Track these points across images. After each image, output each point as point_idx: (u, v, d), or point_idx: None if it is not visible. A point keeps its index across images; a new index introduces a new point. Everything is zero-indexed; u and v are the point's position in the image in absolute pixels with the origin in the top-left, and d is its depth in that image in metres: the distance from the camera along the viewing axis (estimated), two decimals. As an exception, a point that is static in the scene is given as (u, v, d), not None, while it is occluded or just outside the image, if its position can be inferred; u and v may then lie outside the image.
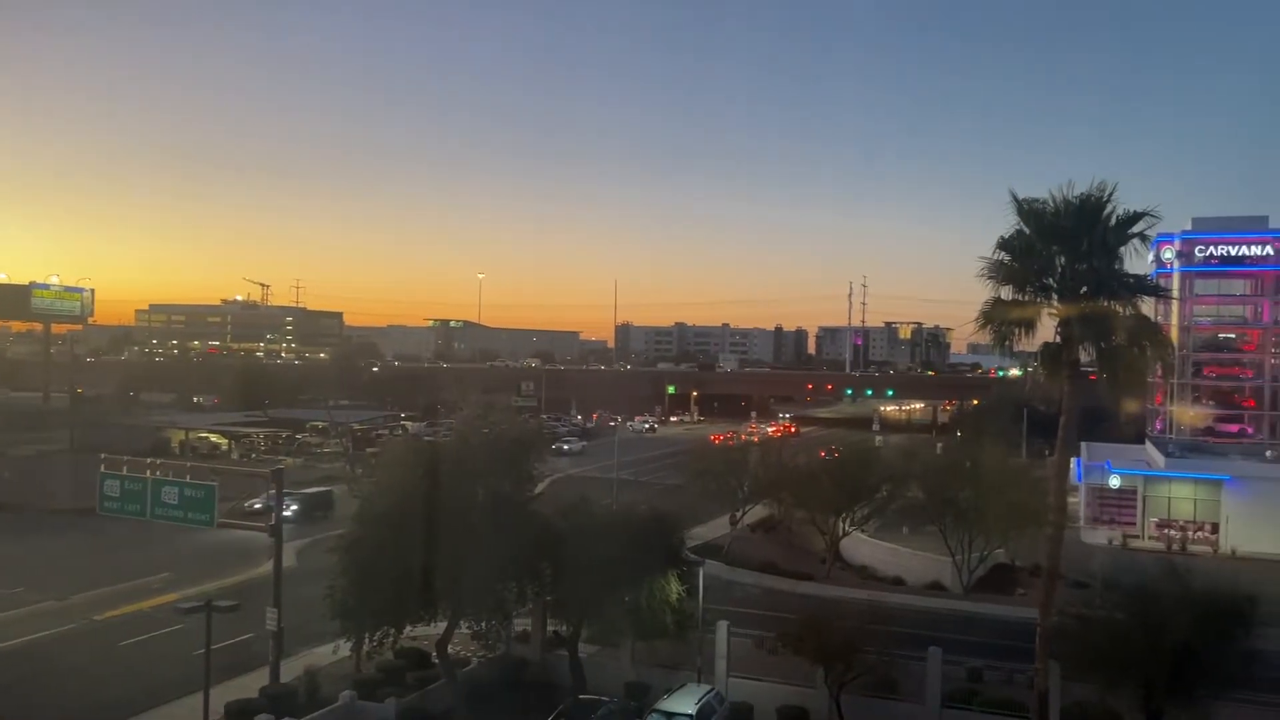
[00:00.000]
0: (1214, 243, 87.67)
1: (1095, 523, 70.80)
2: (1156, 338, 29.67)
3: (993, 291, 29.88)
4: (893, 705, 32.92)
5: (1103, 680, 29.11)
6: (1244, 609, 28.96)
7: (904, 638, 36.41)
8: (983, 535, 52.77)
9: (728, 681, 34.48)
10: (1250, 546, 64.19)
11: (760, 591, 52.61)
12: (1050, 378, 29.16)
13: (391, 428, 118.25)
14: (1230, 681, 27.53)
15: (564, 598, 34.35)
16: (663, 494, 72.41)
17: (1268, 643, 29.76)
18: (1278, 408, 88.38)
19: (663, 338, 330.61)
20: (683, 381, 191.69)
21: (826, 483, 56.71)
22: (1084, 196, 28.62)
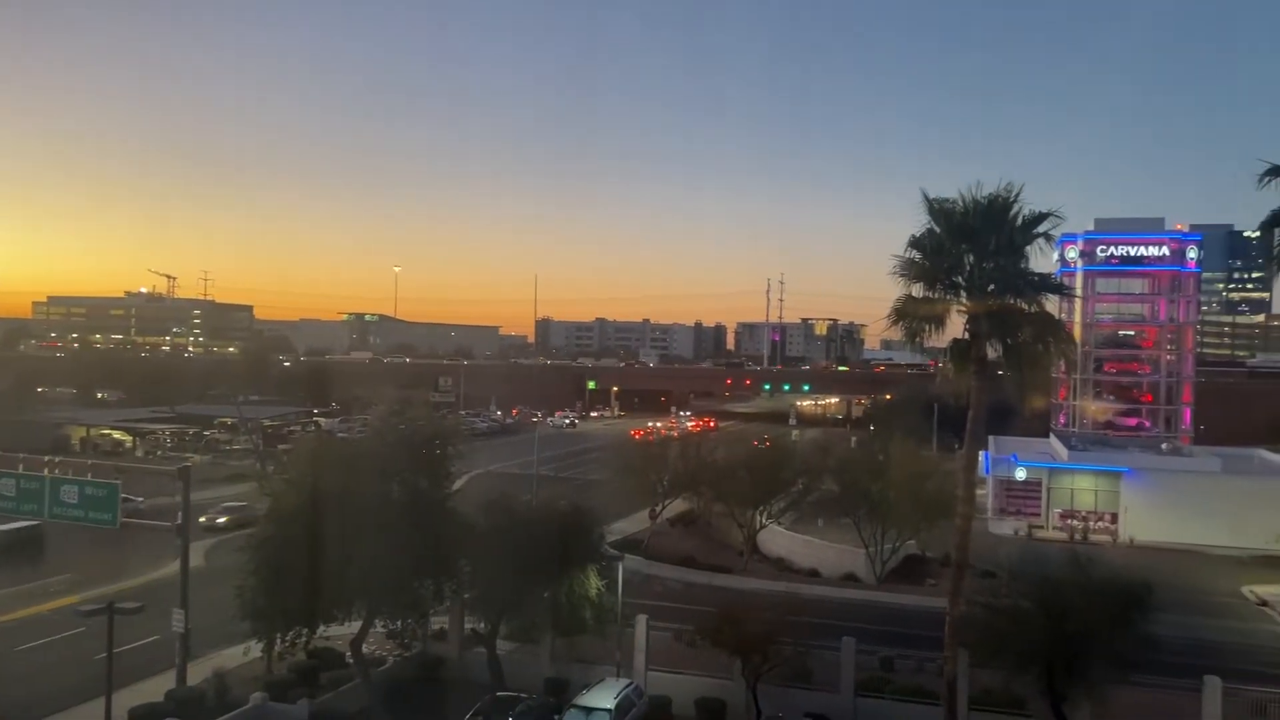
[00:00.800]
0: (1114, 243, 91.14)
1: (1002, 514, 73.04)
2: (1060, 335, 30.62)
3: (904, 289, 30.51)
4: (808, 695, 33.46)
5: (1008, 666, 30.05)
6: (1141, 596, 30.18)
7: (819, 628, 37.05)
8: (895, 527, 54.01)
9: (646, 675, 34.67)
10: (1147, 535, 66.91)
11: (679, 585, 52.96)
12: (959, 373, 29.90)
13: (304, 424, 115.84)
14: (1128, 665, 28.61)
15: (482, 595, 34.11)
16: (583, 489, 72.37)
17: (1162, 628, 31.03)
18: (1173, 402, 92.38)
19: (584, 333, 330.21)
20: (603, 377, 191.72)
21: (744, 477, 57.35)
22: (992, 197, 29.38)
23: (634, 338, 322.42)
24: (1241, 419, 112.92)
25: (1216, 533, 65.10)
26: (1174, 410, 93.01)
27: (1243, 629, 47.33)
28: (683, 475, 62.23)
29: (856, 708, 33.11)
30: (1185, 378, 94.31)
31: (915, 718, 32.04)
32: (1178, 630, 37.82)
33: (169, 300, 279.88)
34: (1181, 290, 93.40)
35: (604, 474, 69.40)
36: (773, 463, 58.66)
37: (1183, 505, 67.46)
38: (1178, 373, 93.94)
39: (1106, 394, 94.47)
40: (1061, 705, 29.32)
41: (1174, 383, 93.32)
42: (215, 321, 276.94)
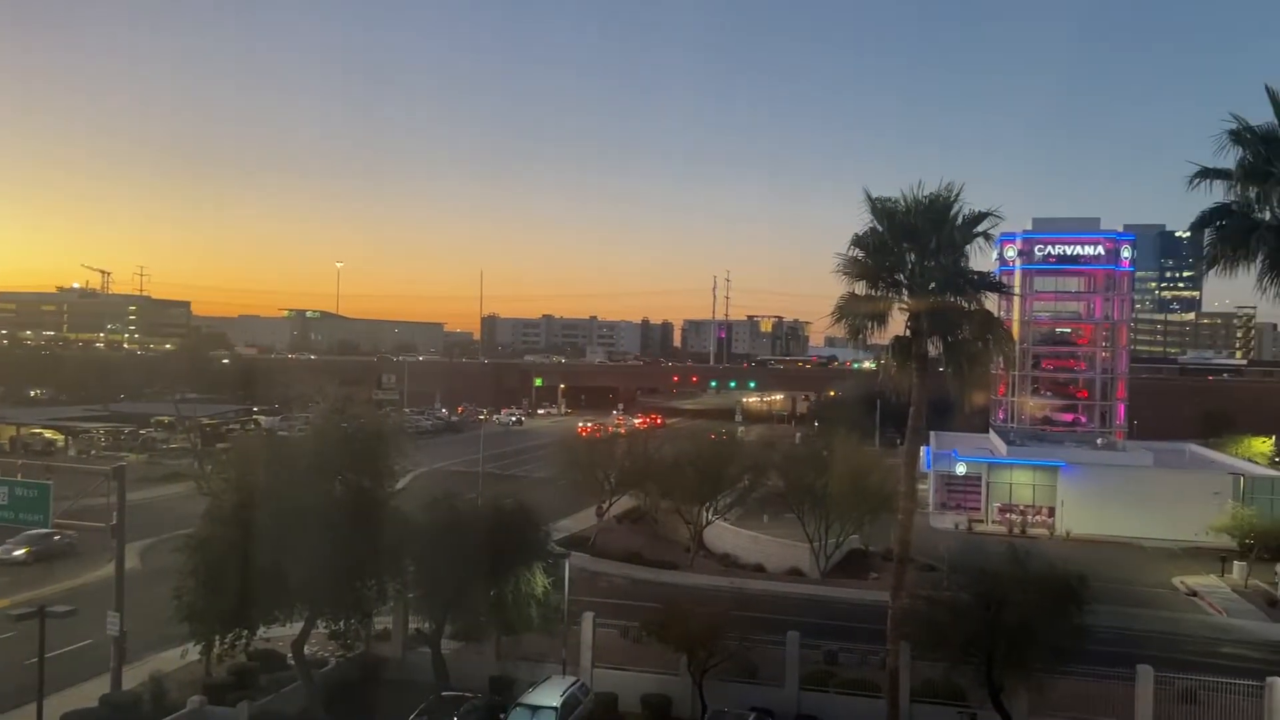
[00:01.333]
0: (1051, 242, 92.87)
1: (943, 508, 74.24)
2: (999, 332, 31.21)
3: (848, 286, 30.89)
4: (753, 689, 33.68)
5: (949, 658, 30.58)
6: (1076, 588, 30.89)
7: (764, 623, 37.33)
8: (839, 522, 54.62)
9: (593, 672, 34.66)
10: (1083, 528, 68.52)
11: (626, 582, 53.01)
12: (901, 370, 30.31)
13: (243, 422, 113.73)
14: (1064, 656, 29.29)
15: (427, 594, 33.76)
16: (529, 487, 72.07)
17: (1097, 619, 31.81)
18: (1108, 398, 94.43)
19: (530, 330, 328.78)
20: (550, 374, 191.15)
21: (691, 473, 57.56)
22: (933, 196, 29.82)
23: (581, 335, 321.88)
24: (1173, 414, 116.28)
25: (1149, 525, 66.87)
26: (1109, 406, 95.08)
27: (1173, 619, 48.64)
28: (629, 472, 62.30)
29: (801, 701, 33.41)
30: (1119, 374, 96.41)
31: (858, 710, 32.39)
32: (1112, 621, 38.86)
33: (103, 296, 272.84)
34: (1116, 289, 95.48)
35: (551, 471, 69.11)
36: (719, 459, 58.93)
37: (1117, 499, 69.18)
38: (1112, 369, 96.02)
39: (1044, 390, 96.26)
40: (1000, 695, 29.90)
41: (1109, 379, 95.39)
42: (151, 317, 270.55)
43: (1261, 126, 25.50)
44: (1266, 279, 25.48)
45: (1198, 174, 26.64)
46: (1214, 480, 69.80)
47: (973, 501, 74.43)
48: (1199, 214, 27.19)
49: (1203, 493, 67.63)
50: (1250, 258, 25.46)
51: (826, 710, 32.94)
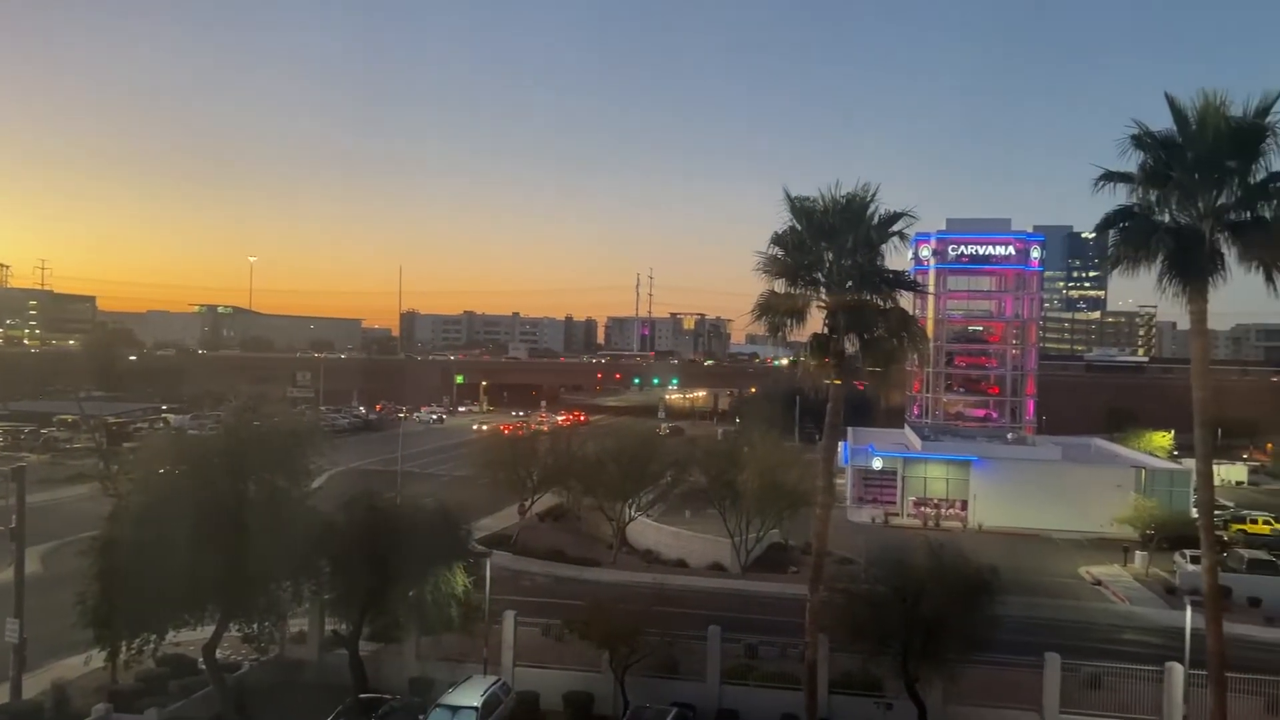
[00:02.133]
0: (964, 242, 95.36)
1: (860, 502, 75.65)
2: (914, 330, 31.79)
3: (768, 284, 31.19)
4: (675, 684, 33.87)
5: (866, 649, 31.20)
6: (988, 579, 31.77)
7: (686, 618, 37.56)
8: (759, 517, 55.20)
9: (514, 671, 34.47)
10: (994, 521, 70.42)
11: (549, 580, 52.82)
12: (819, 367, 30.73)
13: (152, 421, 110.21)
14: (976, 645, 30.10)
15: (344, 595, 33.12)
16: (451, 485, 71.41)
17: (1008, 609, 32.78)
18: (1018, 394, 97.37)
19: (451, 326, 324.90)
20: (472, 371, 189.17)
21: (614, 470, 57.56)
22: (850, 196, 30.26)
23: (503, 331, 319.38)
24: (1080, 410, 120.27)
25: (1057, 517, 69.05)
26: (1018, 402, 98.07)
27: (1080, 607, 50.34)
28: (552, 470, 62.05)
29: (722, 695, 33.68)
30: (1029, 371, 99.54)
31: (778, 703, 32.79)
32: (1022, 610, 40.11)
33: (1, 290, 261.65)
34: (1025, 288, 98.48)
35: (472, 470, 68.42)
36: (642, 455, 59.05)
37: (1027, 492, 71.25)
38: (1022, 366, 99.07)
39: (957, 387, 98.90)
40: (915, 685, 30.59)
41: (1018, 376, 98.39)
42: (54, 313, 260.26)
43: (1162, 132, 26.43)
44: (1166, 279, 26.41)
45: (1102, 177, 27.49)
46: (1117, 474, 72.35)
47: (889, 496, 75.94)
48: (1103, 216, 28.03)
49: (1107, 486, 70.06)
50: (1151, 258, 26.36)
51: (747, 703, 33.27)
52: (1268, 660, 37.20)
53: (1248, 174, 25.94)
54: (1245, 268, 26.05)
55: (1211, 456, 27.52)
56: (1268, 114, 25.33)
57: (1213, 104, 25.54)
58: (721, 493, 55.95)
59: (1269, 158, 25.68)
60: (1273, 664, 35.02)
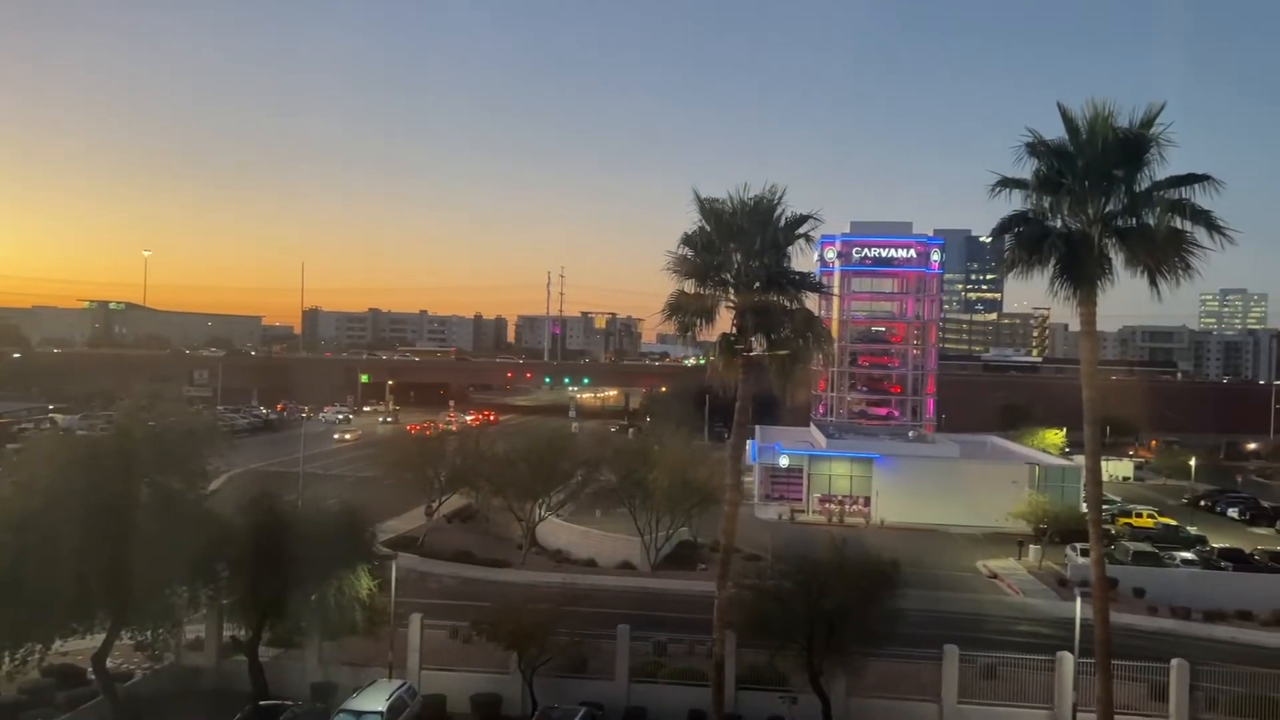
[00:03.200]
0: (868, 245, 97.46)
1: (768, 499, 76.68)
2: (819, 330, 32.43)
3: (678, 284, 31.43)
4: (584, 684, 33.85)
5: (772, 644, 31.68)
6: (889, 574, 32.63)
7: (596, 617, 37.54)
8: (669, 515, 55.52)
9: (420, 674, 34.00)
10: (896, 517, 72.18)
11: (456, 581, 52.20)
12: (727, 366, 31.09)
13: (38, 421, 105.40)
14: (878, 638, 30.82)
15: (243, 600, 32.26)
16: (355, 487, 69.97)
17: (908, 602, 33.68)
18: (918, 393, 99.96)
19: (355, 324, 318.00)
20: (377, 369, 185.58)
21: (523, 469, 57.17)
22: (758, 198, 30.71)
23: (410, 329, 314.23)
24: (977, 408, 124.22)
25: (956, 513, 71.11)
26: (919, 401, 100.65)
27: (976, 600, 51.96)
28: (461, 470, 61.33)
29: (631, 693, 33.79)
30: (929, 371, 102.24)
31: (686, 699, 33.02)
32: (922, 604, 41.16)
33: None
34: (926, 290, 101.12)
35: (378, 471, 67.14)
36: (552, 455, 58.77)
37: (927, 488, 73.24)
38: (922, 366, 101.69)
39: (860, 386, 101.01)
40: (820, 678, 31.17)
41: (919, 375, 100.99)
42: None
43: (1054, 141, 27.46)
44: (1058, 282, 27.46)
45: (999, 183, 28.41)
46: (1012, 470, 74.89)
47: (795, 493, 77.16)
48: (999, 221, 29.01)
49: (1003, 482, 72.44)
50: (1044, 262, 27.36)
51: (655, 701, 33.44)
52: (1151, 647, 39.00)
53: (1133, 182, 27.13)
54: (1131, 272, 27.24)
55: (1100, 453, 28.68)
56: (1152, 125, 26.53)
57: (1101, 114, 26.64)
58: (632, 491, 56.10)
59: (1153, 167, 26.92)
60: (1155, 651, 36.70)
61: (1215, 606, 49.47)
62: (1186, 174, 26.86)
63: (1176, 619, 48.50)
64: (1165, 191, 26.95)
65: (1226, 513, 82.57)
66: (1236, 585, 52.90)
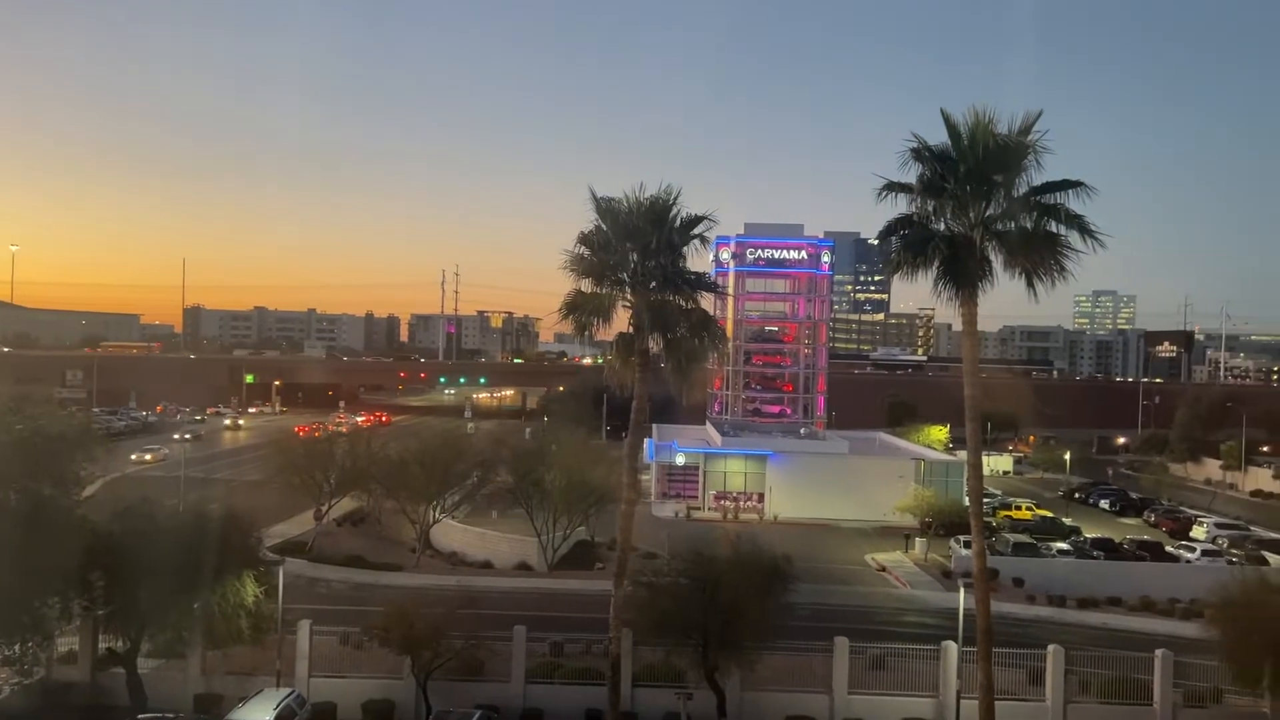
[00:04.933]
0: (761, 246, 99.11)
1: (664, 497, 77.27)
2: (714, 330, 32.83)
3: (575, 283, 31.42)
4: (479, 686, 33.48)
5: (668, 641, 31.93)
6: (782, 569, 33.18)
7: (492, 619, 37.13)
8: (566, 514, 55.38)
9: (310, 682, 33.09)
10: (789, 512, 73.57)
11: (347, 586, 51.04)
12: (624, 365, 31.19)
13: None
14: (771, 632, 31.36)
15: (120, 610, 30.89)
16: (240, 491, 67.78)
17: (800, 596, 34.34)
18: (810, 391, 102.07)
19: (240, 323, 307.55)
20: (263, 370, 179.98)
21: (417, 471, 56.25)
22: (653, 199, 30.88)
23: (298, 328, 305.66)
24: (866, 406, 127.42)
25: (846, 508, 72.87)
26: (810, 398, 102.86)
27: (865, 593, 53.33)
28: (351, 472, 59.98)
29: (527, 695, 33.59)
30: (820, 370, 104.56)
31: (583, 699, 33.00)
32: (813, 597, 42.02)
33: None
34: (817, 291, 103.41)
35: (264, 474, 65.10)
36: (446, 456, 57.98)
37: (818, 484, 74.83)
38: (814, 365, 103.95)
39: (754, 384, 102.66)
40: (715, 674, 31.53)
41: (810, 374, 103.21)
42: None
43: (938, 146, 28.36)
44: (941, 284, 28.41)
45: (885, 187, 29.22)
46: (899, 465, 77.13)
47: (691, 490, 77.94)
48: (886, 224, 29.84)
49: (890, 477, 74.57)
50: (928, 264, 28.26)
51: (552, 701, 33.32)
52: (1030, 634, 40.67)
53: (1012, 187, 28.22)
54: (1010, 274, 28.35)
55: (981, 448, 29.77)
56: (1029, 132, 27.63)
57: (982, 121, 27.64)
58: (528, 492, 55.77)
59: (1030, 173, 28.07)
60: (1034, 638, 38.28)
61: (1088, 594, 51.88)
62: (1061, 180, 28.14)
63: (1053, 607, 50.68)
64: (1041, 196, 28.15)
65: (1099, 504, 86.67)
66: (1107, 573, 55.58)
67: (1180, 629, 44.18)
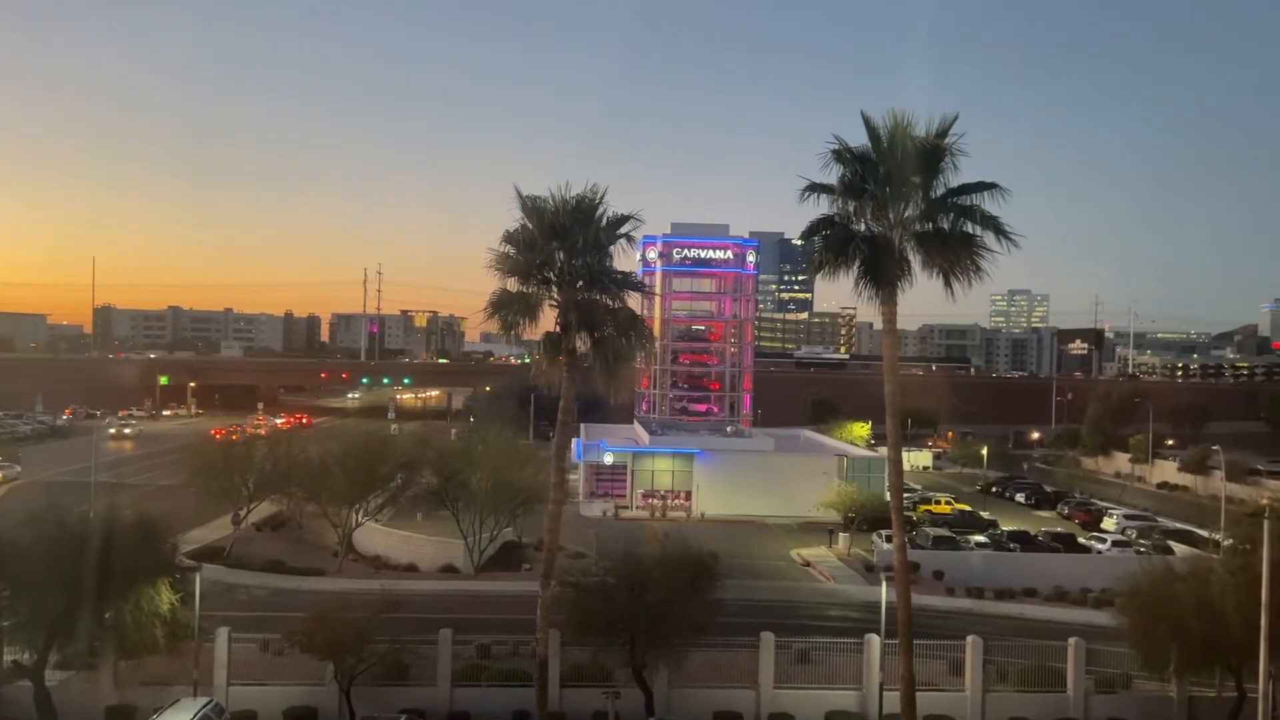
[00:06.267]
0: (687, 246, 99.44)
1: (593, 497, 77.15)
2: (641, 329, 32.94)
3: (500, 282, 31.18)
4: (405, 691, 33.07)
5: (596, 641, 31.89)
6: (709, 565, 33.42)
7: (417, 623, 36.65)
8: (493, 516, 54.93)
9: (229, 691, 32.27)
10: (715, 510, 74.13)
11: (267, 592, 49.95)
12: (551, 364, 31.08)
13: None
14: (699, 629, 31.56)
15: (26, 620, 29.71)
16: (155, 496, 65.83)
17: (727, 592, 34.65)
18: (736, 390, 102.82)
19: (153, 323, 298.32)
20: (177, 371, 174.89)
21: (339, 474, 55.23)
22: (579, 197, 30.83)
23: (214, 328, 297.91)
24: (790, 403, 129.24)
25: (772, 504, 73.70)
26: (737, 396, 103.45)
27: (791, 588, 54.00)
28: (271, 475, 58.62)
29: (454, 698, 33.28)
30: (746, 368, 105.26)
31: (510, 701, 32.78)
32: (740, 593, 42.45)
33: None
34: (742, 290, 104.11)
35: (180, 478, 63.24)
36: (369, 458, 57.01)
37: (744, 481, 75.54)
38: (739, 363, 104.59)
39: (681, 383, 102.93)
40: (643, 672, 31.61)
41: (736, 372, 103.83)
42: None
43: (858, 148, 28.86)
44: (862, 283, 28.93)
45: (807, 188, 29.63)
46: (823, 462, 78.28)
47: (619, 489, 78.00)
48: (809, 224, 30.26)
49: (814, 473, 75.65)
50: (849, 264, 28.73)
51: (479, 704, 33.05)
52: (950, 626, 41.57)
53: (930, 189, 28.85)
54: (928, 274, 28.97)
55: (901, 444, 30.39)
56: (946, 135, 28.28)
57: (901, 124, 28.19)
58: (454, 493, 55.19)
59: (947, 175, 28.72)
60: (954, 629, 39.15)
61: (1005, 585, 53.27)
62: (976, 181, 28.87)
63: (972, 598, 51.95)
64: (958, 198, 28.83)
65: (1014, 498, 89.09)
66: (1023, 565, 57.15)
67: (1092, 618, 45.61)
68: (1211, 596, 30.76)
